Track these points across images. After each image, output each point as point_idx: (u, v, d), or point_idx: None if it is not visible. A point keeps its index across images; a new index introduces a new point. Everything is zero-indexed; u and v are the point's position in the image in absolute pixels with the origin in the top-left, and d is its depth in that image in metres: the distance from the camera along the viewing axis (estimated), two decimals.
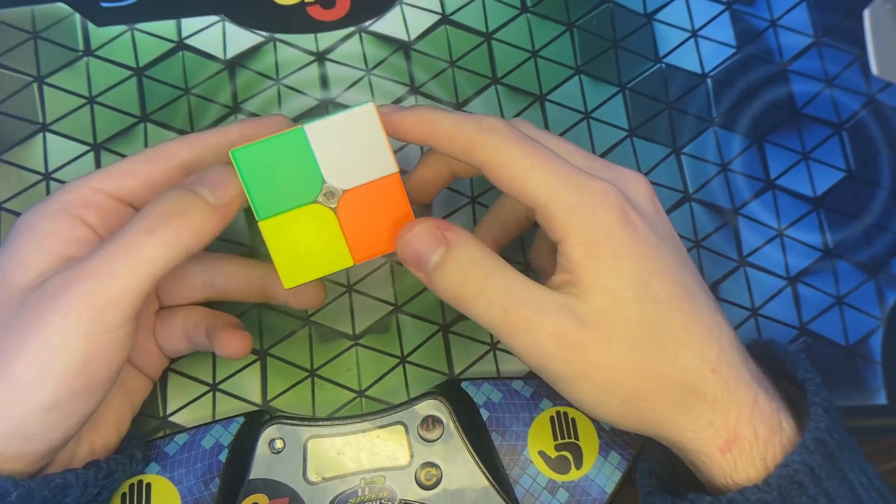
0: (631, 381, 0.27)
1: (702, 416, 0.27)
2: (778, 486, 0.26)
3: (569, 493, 0.35)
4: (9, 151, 0.39)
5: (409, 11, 0.42)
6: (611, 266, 0.27)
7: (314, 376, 0.37)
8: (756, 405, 0.28)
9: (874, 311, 0.39)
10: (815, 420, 0.27)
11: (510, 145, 0.28)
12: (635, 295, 0.27)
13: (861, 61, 0.43)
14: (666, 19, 0.43)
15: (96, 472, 0.29)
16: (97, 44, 0.40)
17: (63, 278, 0.27)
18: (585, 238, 0.27)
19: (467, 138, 0.29)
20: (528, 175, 0.28)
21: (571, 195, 0.28)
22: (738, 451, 0.27)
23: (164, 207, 0.28)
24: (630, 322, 0.27)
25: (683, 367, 0.27)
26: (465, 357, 0.37)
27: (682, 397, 0.27)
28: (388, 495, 0.35)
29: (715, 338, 0.28)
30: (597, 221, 0.27)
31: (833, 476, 0.27)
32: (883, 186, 0.41)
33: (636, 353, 0.27)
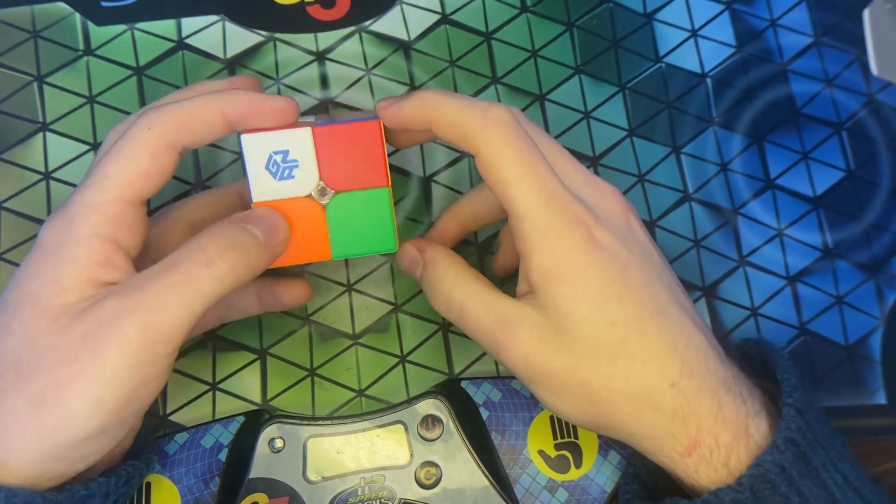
0: (580, 389, 0.29)
1: (659, 426, 0.28)
2: (751, 485, 0.27)
3: (568, 493, 0.35)
4: (9, 151, 0.39)
5: (409, 11, 0.42)
6: (566, 291, 0.28)
7: (314, 376, 0.37)
8: (720, 414, 0.28)
9: (874, 311, 0.39)
10: (786, 420, 0.28)
11: (510, 146, 0.28)
12: (588, 317, 0.28)
13: (861, 61, 0.43)
14: (666, 19, 0.43)
15: (117, 479, 0.29)
16: (97, 43, 0.40)
17: (117, 307, 0.27)
18: (546, 263, 0.28)
19: (469, 127, 0.29)
20: (517, 183, 0.28)
21: (547, 217, 0.28)
22: (699, 457, 0.28)
23: (223, 241, 0.28)
24: (580, 341, 0.28)
25: (636, 382, 0.28)
26: (465, 356, 0.37)
27: (636, 409, 0.28)
28: (387, 494, 0.35)
29: (679, 353, 0.28)
30: (561, 248, 0.28)
31: (805, 475, 0.27)
32: (882, 186, 0.41)
33: (584, 367, 0.28)
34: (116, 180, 0.29)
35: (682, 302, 0.30)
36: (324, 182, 0.30)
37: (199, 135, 0.30)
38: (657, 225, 0.40)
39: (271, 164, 0.30)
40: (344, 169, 0.30)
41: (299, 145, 0.30)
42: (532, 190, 0.28)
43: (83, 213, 0.28)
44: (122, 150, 0.29)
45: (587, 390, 0.29)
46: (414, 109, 0.30)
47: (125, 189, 0.29)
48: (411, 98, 0.30)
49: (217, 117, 0.29)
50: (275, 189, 0.30)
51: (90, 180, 0.29)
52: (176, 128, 0.29)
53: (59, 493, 0.27)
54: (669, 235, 0.39)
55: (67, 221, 0.29)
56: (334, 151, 0.30)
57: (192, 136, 0.30)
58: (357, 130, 0.30)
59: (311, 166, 0.30)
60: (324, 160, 0.30)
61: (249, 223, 0.29)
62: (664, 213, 0.40)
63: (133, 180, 0.29)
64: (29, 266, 0.29)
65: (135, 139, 0.29)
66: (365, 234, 0.31)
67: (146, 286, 0.27)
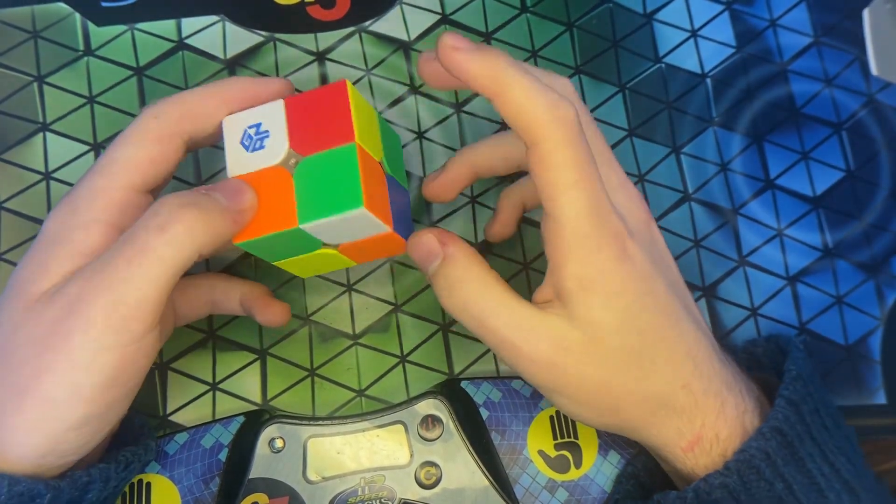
0: (604, 398, 0.29)
1: (670, 423, 0.29)
2: (737, 470, 0.28)
3: (568, 493, 0.35)
4: (9, 151, 0.39)
5: (409, 11, 0.42)
6: (601, 302, 0.28)
7: (314, 376, 0.37)
8: (722, 412, 0.29)
9: (874, 311, 0.39)
10: (775, 411, 0.29)
11: (570, 149, 0.27)
12: (619, 327, 0.28)
13: (861, 61, 0.43)
14: (666, 19, 0.43)
15: (116, 465, 0.29)
16: (97, 43, 0.40)
17: (80, 289, 0.26)
18: (583, 273, 0.28)
19: (534, 119, 0.27)
20: (568, 190, 0.27)
21: (589, 228, 0.28)
22: (700, 450, 0.29)
23: (176, 201, 0.27)
24: (610, 350, 0.28)
25: (656, 386, 0.29)
26: (465, 356, 0.37)
27: (653, 409, 0.29)
28: (387, 494, 0.35)
29: (692, 356, 0.29)
30: (599, 259, 0.28)
31: (790, 463, 0.28)
32: (882, 186, 0.41)
33: (611, 376, 0.29)
34: (123, 165, 0.29)
35: (690, 307, 0.31)
36: (292, 148, 0.30)
37: (202, 123, 0.30)
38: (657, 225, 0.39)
39: (245, 138, 0.30)
40: (312, 133, 0.29)
41: (271, 116, 0.30)
42: (581, 198, 0.27)
43: (88, 197, 0.28)
44: (128, 138, 0.29)
45: (613, 398, 0.29)
46: (483, 72, 0.27)
47: (132, 175, 0.29)
48: (483, 55, 0.27)
49: (218, 104, 0.30)
50: (248, 162, 0.30)
51: (96, 167, 0.29)
52: (180, 116, 0.30)
53: (60, 480, 0.27)
54: (669, 235, 0.39)
55: (72, 207, 0.29)
56: (304, 117, 0.30)
57: (196, 125, 0.30)
58: (325, 93, 0.30)
59: (281, 135, 0.30)
60: (294, 127, 0.30)
61: (211, 190, 0.28)
62: (664, 213, 0.40)
63: (139, 166, 0.29)
64: (28, 253, 0.29)
65: (140, 127, 0.29)
66: (331, 195, 0.28)
67: (106, 264, 0.27)
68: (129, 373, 0.27)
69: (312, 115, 0.30)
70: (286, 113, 0.30)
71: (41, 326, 0.27)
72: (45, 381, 0.26)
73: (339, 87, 0.29)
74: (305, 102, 0.30)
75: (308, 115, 0.30)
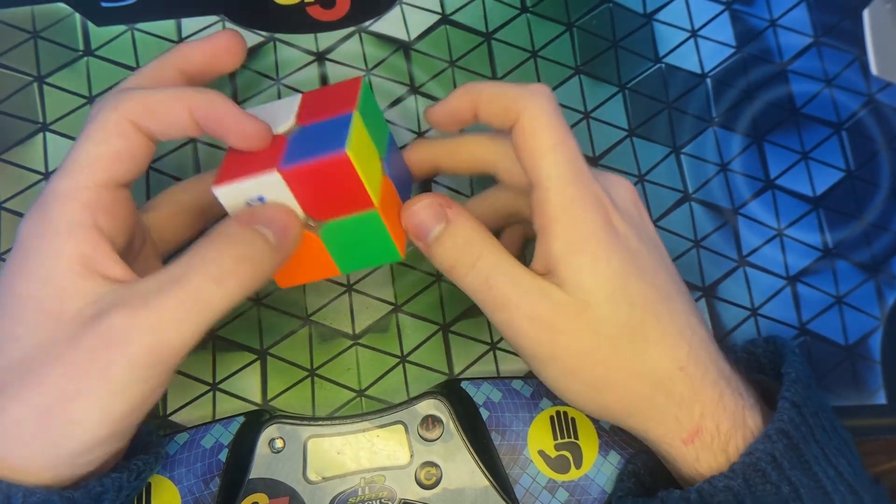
0: (598, 369, 0.29)
1: (667, 410, 0.29)
2: (742, 473, 0.27)
3: (568, 493, 0.35)
4: (9, 151, 0.39)
5: (409, 11, 0.42)
6: (587, 265, 0.28)
7: (314, 376, 0.37)
8: (721, 402, 0.29)
9: (874, 311, 0.39)
10: (780, 413, 0.28)
11: (548, 116, 0.29)
12: (609, 296, 0.28)
13: (861, 61, 0.43)
14: (666, 19, 0.43)
15: (129, 474, 0.29)
16: (97, 44, 0.40)
17: (124, 324, 0.26)
18: (569, 235, 0.28)
19: (510, 97, 0.29)
20: (550, 152, 0.29)
21: (574, 190, 0.29)
22: (700, 443, 0.29)
23: (235, 252, 0.27)
24: (601, 320, 0.28)
25: (652, 364, 0.29)
26: (465, 357, 0.37)
27: (649, 391, 0.29)
28: (388, 495, 0.35)
29: (686, 339, 0.29)
30: (585, 221, 0.28)
31: (796, 466, 0.28)
32: (882, 186, 0.41)
33: (605, 347, 0.28)
34: (87, 163, 0.28)
35: (682, 291, 0.31)
36: (309, 216, 0.29)
37: (164, 126, 0.28)
38: (657, 225, 0.39)
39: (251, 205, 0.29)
40: (325, 202, 0.29)
41: (273, 189, 0.28)
42: (562, 161, 0.29)
43: (58, 201, 0.27)
44: (89, 134, 0.28)
45: (604, 372, 0.29)
46: (458, 98, 0.31)
47: (97, 172, 0.28)
48: (454, 92, 0.31)
49: (184, 114, 0.28)
50: None
51: (61, 169, 0.28)
52: (142, 111, 0.28)
53: (74, 491, 0.27)
54: (669, 235, 0.39)
55: (44, 213, 0.28)
56: (310, 189, 0.29)
57: (158, 125, 0.28)
58: (327, 166, 0.28)
59: (291, 204, 0.29)
60: (302, 197, 0.29)
61: (260, 223, 0.28)
62: (664, 214, 0.40)
63: (104, 162, 0.28)
64: (15, 264, 0.27)
65: (100, 121, 0.28)
66: (367, 250, 0.30)
67: (154, 301, 0.26)
68: (152, 399, 0.27)
69: (319, 187, 0.28)
70: (288, 186, 0.28)
71: (77, 352, 0.26)
72: (76, 405, 0.26)
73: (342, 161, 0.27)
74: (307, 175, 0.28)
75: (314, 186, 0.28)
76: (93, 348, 0.26)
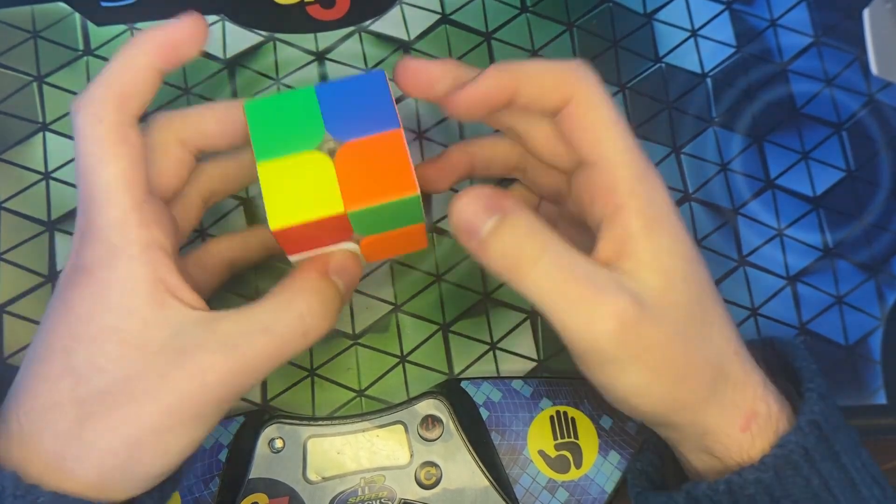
0: (678, 361, 0.27)
1: (726, 395, 0.28)
2: (774, 465, 0.27)
3: (568, 493, 0.35)
4: (9, 151, 0.39)
5: (409, 11, 0.42)
6: (668, 245, 0.27)
7: (314, 376, 0.37)
8: (766, 384, 0.28)
9: (874, 311, 0.39)
10: (809, 404, 0.28)
11: (602, 91, 0.28)
12: (684, 276, 0.27)
13: (861, 61, 0.43)
14: (666, 19, 0.43)
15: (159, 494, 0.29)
16: (97, 43, 0.40)
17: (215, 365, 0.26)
18: (648, 211, 0.27)
19: (562, 73, 0.28)
20: (613, 128, 0.27)
21: (642, 163, 0.27)
22: (756, 427, 0.28)
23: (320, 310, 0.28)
24: (679, 303, 0.27)
25: (715, 348, 0.28)
26: (465, 356, 0.37)
27: (714, 377, 0.27)
28: (387, 495, 0.35)
29: (732, 324, 0.29)
30: (659, 198, 0.27)
31: (827, 458, 0.27)
32: (883, 186, 0.41)
33: (682, 334, 0.27)
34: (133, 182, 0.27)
35: None
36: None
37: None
38: None
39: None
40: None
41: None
42: (626, 136, 0.28)
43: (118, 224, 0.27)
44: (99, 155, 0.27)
45: (683, 361, 0.27)
46: (493, 78, 0.28)
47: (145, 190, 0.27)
48: (485, 73, 0.28)
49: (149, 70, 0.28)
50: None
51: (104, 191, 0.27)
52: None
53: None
54: None
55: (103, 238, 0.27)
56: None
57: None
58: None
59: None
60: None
61: (334, 273, 0.29)
62: None
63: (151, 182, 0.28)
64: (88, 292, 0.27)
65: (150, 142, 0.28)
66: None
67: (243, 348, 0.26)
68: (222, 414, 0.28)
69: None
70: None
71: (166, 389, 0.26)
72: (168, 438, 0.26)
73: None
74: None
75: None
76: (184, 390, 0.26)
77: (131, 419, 0.26)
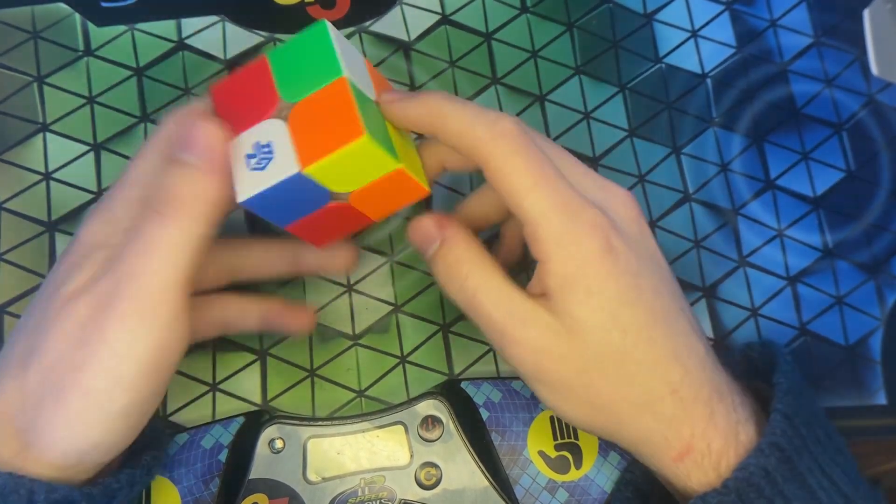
0: (587, 392, 0.29)
1: (657, 431, 0.29)
2: (736, 489, 0.27)
3: (568, 493, 0.35)
4: (9, 151, 0.39)
5: (409, 11, 0.42)
6: (582, 299, 0.28)
7: (314, 376, 0.37)
8: (712, 420, 0.28)
9: (874, 312, 0.39)
10: (772, 426, 0.28)
11: (519, 157, 0.28)
12: (601, 325, 0.28)
13: (861, 61, 0.43)
14: (666, 19, 0.43)
15: (141, 469, 0.30)
16: (97, 44, 0.40)
17: (107, 285, 0.27)
18: (563, 270, 0.28)
19: (477, 139, 0.29)
20: (529, 193, 0.28)
21: (562, 224, 0.28)
22: (691, 461, 0.28)
23: (164, 192, 0.28)
24: (593, 347, 0.28)
25: (641, 389, 0.28)
26: (465, 357, 0.37)
27: (638, 414, 0.29)
28: (387, 495, 0.35)
29: (681, 361, 0.29)
30: (578, 253, 0.28)
31: (790, 480, 0.27)
32: (883, 186, 0.41)
33: (593, 372, 0.28)
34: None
35: (684, 308, 0.30)
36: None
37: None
38: (657, 225, 0.40)
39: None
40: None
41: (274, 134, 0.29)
42: (544, 197, 0.28)
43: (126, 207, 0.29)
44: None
45: (592, 394, 0.29)
46: (420, 113, 0.30)
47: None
48: (418, 100, 0.30)
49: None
50: None
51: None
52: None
53: (92, 488, 0.28)
54: (669, 236, 0.39)
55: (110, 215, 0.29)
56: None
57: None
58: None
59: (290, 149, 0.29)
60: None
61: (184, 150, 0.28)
62: (664, 214, 0.40)
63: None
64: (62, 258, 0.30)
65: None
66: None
67: (124, 259, 0.27)
68: (164, 360, 0.28)
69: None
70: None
71: (75, 323, 0.27)
72: (85, 374, 0.27)
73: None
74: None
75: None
76: (87, 316, 0.27)
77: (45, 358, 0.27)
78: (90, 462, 0.28)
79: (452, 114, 0.29)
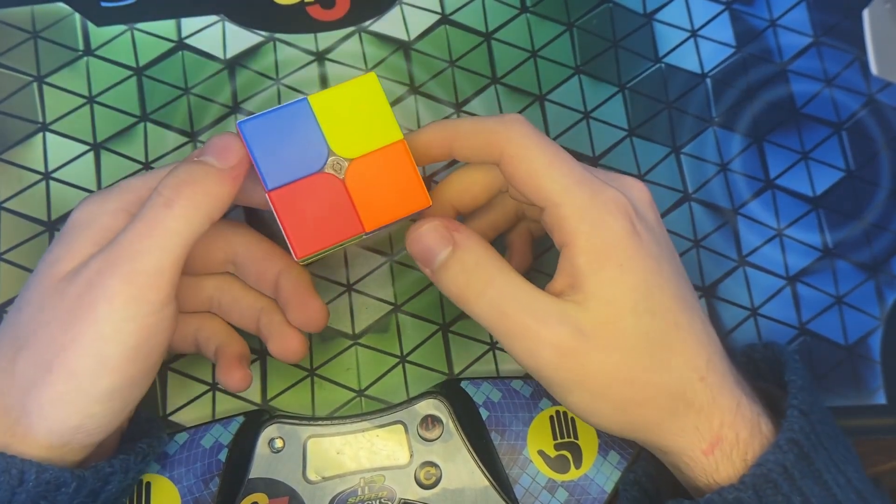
0: (625, 389, 0.28)
1: (688, 421, 0.28)
2: (753, 484, 0.27)
3: (568, 493, 0.35)
4: (9, 151, 0.39)
5: (409, 11, 0.42)
6: (615, 277, 0.28)
7: (314, 376, 0.37)
8: (738, 410, 0.28)
9: (873, 311, 0.39)
10: (789, 421, 0.28)
11: (533, 139, 0.29)
12: (633, 307, 0.28)
13: (861, 61, 0.43)
14: (665, 19, 0.43)
15: (135, 456, 0.30)
16: (97, 43, 0.40)
17: (99, 264, 0.28)
18: (593, 245, 0.28)
19: (490, 131, 0.29)
20: (547, 172, 0.28)
21: (585, 199, 0.28)
22: (720, 453, 0.28)
23: (176, 180, 0.28)
24: (626, 333, 0.28)
25: (675, 375, 0.28)
26: (465, 356, 0.37)
27: (672, 404, 0.28)
28: (387, 494, 0.35)
29: (704, 347, 0.29)
30: (606, 230, 0.28)
31: (808, 476, 0.27)
32: (882, 186, 0.41)
33: (630, 363, 0.28)
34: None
35: (696, 297, 0.30)
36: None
37: None
38: None
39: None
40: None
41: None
42: (564, 174, 0.28)
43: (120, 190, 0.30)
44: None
45: (633, 389, 0.28)
46: (431, 136, 0.31)
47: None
48: (424, 128, 0.31)
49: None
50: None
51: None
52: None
53: (84, 470, 0.28)
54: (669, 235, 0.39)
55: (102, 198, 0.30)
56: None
57: None
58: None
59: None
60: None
61: (202, 154, 0.29)
62: (664, 213, 0.40)
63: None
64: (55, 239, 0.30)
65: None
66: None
67: (121, 240, 0.28)
68: (150, 344, 0.28)
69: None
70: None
71: (65, 303, 0.27)
72: (71, 354, 0.27)
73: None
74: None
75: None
76: (77, 295, 0.27)
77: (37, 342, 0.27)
78: (78, 443, 0.28)
79: (462, 122, 0.30)
